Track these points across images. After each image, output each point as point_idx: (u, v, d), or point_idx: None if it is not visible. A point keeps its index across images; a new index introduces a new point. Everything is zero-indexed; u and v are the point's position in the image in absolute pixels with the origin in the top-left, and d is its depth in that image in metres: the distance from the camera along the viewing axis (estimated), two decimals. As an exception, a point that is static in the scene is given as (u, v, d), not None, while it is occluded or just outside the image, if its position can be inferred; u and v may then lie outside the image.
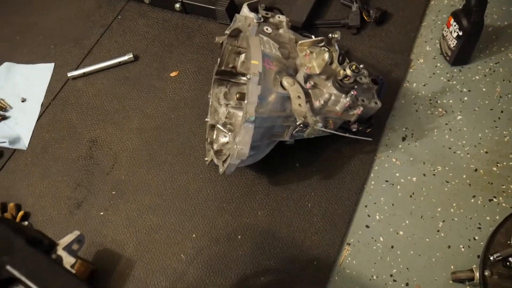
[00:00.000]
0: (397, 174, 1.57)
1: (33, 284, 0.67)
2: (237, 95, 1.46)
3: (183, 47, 1.97)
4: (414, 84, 1.74)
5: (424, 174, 1.55)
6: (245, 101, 1.21)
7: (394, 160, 1.60)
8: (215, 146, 1.58)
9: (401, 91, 1.73)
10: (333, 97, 1.30)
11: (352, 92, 1.27)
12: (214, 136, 1.61)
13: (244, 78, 1.58)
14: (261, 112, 1.23)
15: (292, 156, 1.62)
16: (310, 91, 1.30)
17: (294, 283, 1.41)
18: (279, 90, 1.26)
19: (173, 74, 1.88)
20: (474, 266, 1.32)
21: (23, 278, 0.68)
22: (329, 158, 1.61)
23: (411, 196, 1.52)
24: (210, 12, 1.93)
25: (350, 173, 1.58)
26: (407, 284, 1.39)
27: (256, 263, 1.46)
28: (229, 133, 1.59)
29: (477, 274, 1.27)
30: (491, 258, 1.26)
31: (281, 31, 1.47)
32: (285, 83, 1.27)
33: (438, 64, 1.77)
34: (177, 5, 1.99)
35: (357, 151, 1.61)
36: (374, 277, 1.41)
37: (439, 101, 1.68)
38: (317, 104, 1.29)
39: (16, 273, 0.69)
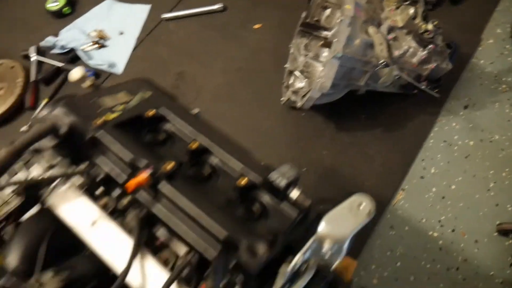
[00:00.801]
0: (456, 137, 1.69)
1: (179, 118, 0.86)
2: (322, 42, 1.62)
3: (269, 3, 2.15)
4: (482, 61, 1.85)
5: (481, 140, 1.67)
6: (335, 40, 1.37)
7: (454, 124, 1.72)
8: (291, 90, 1.76)
9: (469, 65, 1.84)
10: (411, 49, 1.45)
11: (430, 46, 1.41)
12: (291, 81, 1.78)
13: (325, 32, 1.74)
14: (346, 52, 1.39)
15: (360, 108, 1.77)
16: (391, 42, 1.45)
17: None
18: (364, 36, 1.42)
19: (256, 26, 2.07)
20: (520, 220, 1.43)
21: (172, 115, 0.87)
22: (394, 114, 1.76)
23: (466, 157, 1.65)
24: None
25: (412, 130, 1.71)
26: (453, 230, 1.52)
27: (316, 193, 1.62)
28: (305, 80, 1.76)
29: (522, 226, 1.39)
30: (538, 212, 1.37)
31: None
32: (370, 30, 1.42)
33: (507, 46, 1.88)
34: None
35: (420, 112, 1.75)
36: (423, 220, 1.55)
37: (503, 79, 1.79)
38: (396, 53, 1.44)
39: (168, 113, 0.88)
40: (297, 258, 0.65)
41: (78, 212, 0.71)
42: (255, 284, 0.65)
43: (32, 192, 0.74)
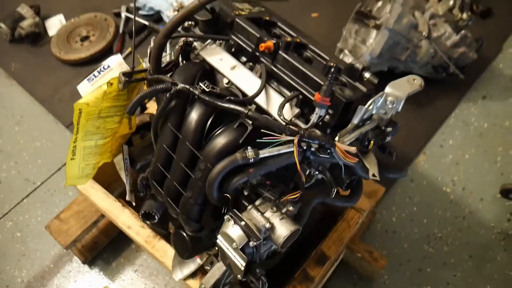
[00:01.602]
0: (473, 119, 2.02)
1: (285, 25, 1.19)
2: (373, 24, 1.97)
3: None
4: (501, 64, 2.19)
5: (494, 124, 1.99)
6: (388, 15, 1.72)
7: (472, 109, 2.05)
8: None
9: (489, 66, 2.18)
10: (446, 34, 1.80)
11: (462, 32, 1.76)
12: (340, 57, 2.14)
13: (375, 21, 2.10)
14: (395, 27, 1.74)
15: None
16: (431, 26, 1.80)
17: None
18: (411, 17, 1.77)
19: (314, 15, 2.44)
20: (520, 182, 1.73)
21: (280, 22, 1.21)
22: (422, 94, 2.07)
23: (480, 136, 1.96)
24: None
25: (436, 109, 2.04)
26: (463, 189, 1.82)
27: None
28: (352, 57, 2.11)
29: (521, 187, 1.69)
30: (536, 176, 1.67)
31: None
32: (416, 14, 1.78)
33: (524, 58, 2.22)
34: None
35: (445, 96, 2.08)
36: (439, 178, 1.85)
37: (519, 81, 2.13)
38: (434, 34, 1.78)
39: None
40: (370, 102, 0.97)
41: (222, 60, 1.04)
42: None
43: (188, 47, 1.08)
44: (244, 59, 1.09)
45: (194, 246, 1.17)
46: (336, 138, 0.93)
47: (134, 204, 1.27)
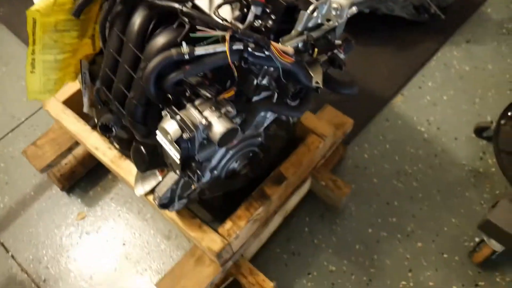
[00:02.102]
0: (454, 62, 1.99)
1: None
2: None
3: None
4: (489, 9, 2.15)
5: (476, 67, 1.97)
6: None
7: (455, 53, 2.02)
8: None
9: (477, 11, 2.14)
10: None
11: (442, -34, 1.72)
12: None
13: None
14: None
15: (376, 27, 2.07)
16: (411, -39, 1.77)
17: (351, 105, 1.88)
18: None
19: None
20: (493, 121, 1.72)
21: None
22: (404, 36, 2.06)
23: (460, 78, 1.95)
24: None
25: (417, 51, 2.02)
26: (438, 128, 1.82)
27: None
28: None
29: (494, 124, 1.68)
30: (509, 113, 1.66)
31: None
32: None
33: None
34: None
35: (427, 39, 2.05)
36: (414, 118, 1.85)
37: (505, 25, 2.09)
38: (413, -30, 1.75)
39: None
40: (312, 8, 0.97)
41: None
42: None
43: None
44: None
45: (151, 158, 1.20)
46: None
47: (95, 118, 1.31)
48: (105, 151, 1.41)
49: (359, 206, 1.67)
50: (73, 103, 1.53)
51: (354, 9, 1.08)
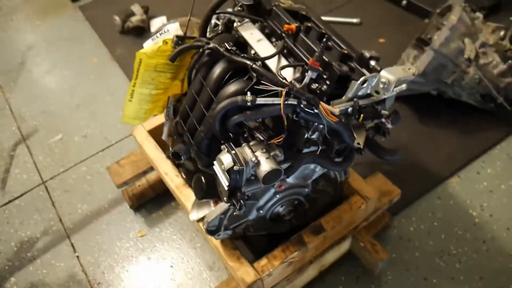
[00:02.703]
0: (518, 154, 2.00)
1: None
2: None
3: (395, 24, 2.68)
4: None
5: (540, 163, 1.96)
6: (435, 37, 1.85)
7: (521, 145, 2.04)
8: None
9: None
10: (494, 62, 1.86)
11: (510, 61, 1.81)
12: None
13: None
14: (441, 49, 1.85)
15: (443, 110, 2.16)
16: (480, 54, 1.88)
17: (406, 178, 1.95)
18: (460, 43, 1.87)
19: (381, 40, 2.60)
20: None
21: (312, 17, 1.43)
22: (470, 122, 2.12)
23: (522, 171, 1.95)
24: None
25: (482, 138, 2.06)
26: (490, 215, 1.82)
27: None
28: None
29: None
30: None
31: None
32: (466, 41, 1.87)
33: None
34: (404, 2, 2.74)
35: (493, 127, 2.09)
36: (468, 202, 1.87)
37: None
38: (481, 61, 1.86)
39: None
40: (363, 79, 1.13)
41: (252, 34, 1.28)
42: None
43: (230, 25, 1.35)
44: (273, 39, 1.33)
45: (208, 188, 1.39)
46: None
47: (170, 146, 1.54)
48: (173, 178, 1.63)
49: (396, 276, 1.69)
50: (156, 133, 1.79)
51: (403, 86, 1.22)
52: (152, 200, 2.02)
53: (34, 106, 2.57)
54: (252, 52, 1.29)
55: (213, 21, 1.41)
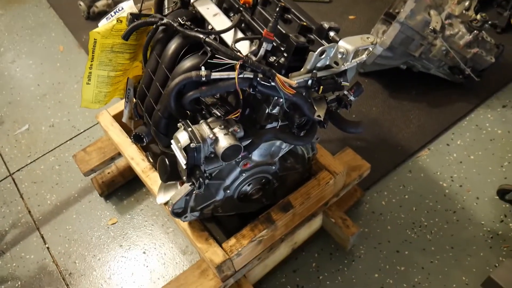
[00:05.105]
0: (487, 124, 2.01)
1: None
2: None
3: (366, 1, 2.66)
4: (532, 79, 2.16)
5: (509, 132, 1.98)
6: (401, 10, 1.83)
7: (489, 116, 2.04)
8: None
9: (518, 79, 2.16)
10: (460, 33, 1.85)
11: (475, 32, 1.81)
12: (364, 54, 2.25)
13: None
14: (408, 22, 1.83)
15: (411, 85, 2.16)
16: (446, 25, 1.87)
17: (377, 153, 1.95)
18: (426, 15, 1.86)
19: (351, 17, 2.58)
20: (518, 185, 1.71)
21: None
22: (439, 95, 2.13)
23: (491, 140, 1.96)
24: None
25: (451, 110, 2.07)
26: (460, 186, 1.83)
27: (356, 135, 2.03)
28: (375, 55, 2.21)
29: (517, 188, 1.68)
30: (533, 179, 1.65)
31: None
32: (432, 12, 1.86)
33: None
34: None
35: (462, 99, 2.10)
36: (438, 173, 1.88)
37: (546, 95, 2.08)
38: (447, 33, 1.85)
39: None
40: (320, 50, 1.11)
41: (208, 9, 1.24)
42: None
43: (187, 0, 1.31)
44: (232, 14, 1.29)
45: (173, 170, 1.36)
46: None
47: (132, 128, 1.50)
48: (139, 162, 1.59)
49: (369, 250, 1.70)
50: (121, 118, 1.75)
51: (363, 57, 1.20)
52: (123, 187, 1.98)
53: (-1, 97, 2.50)
54: (210, 27, 1.25)
55: (171, -3, 1.37)
